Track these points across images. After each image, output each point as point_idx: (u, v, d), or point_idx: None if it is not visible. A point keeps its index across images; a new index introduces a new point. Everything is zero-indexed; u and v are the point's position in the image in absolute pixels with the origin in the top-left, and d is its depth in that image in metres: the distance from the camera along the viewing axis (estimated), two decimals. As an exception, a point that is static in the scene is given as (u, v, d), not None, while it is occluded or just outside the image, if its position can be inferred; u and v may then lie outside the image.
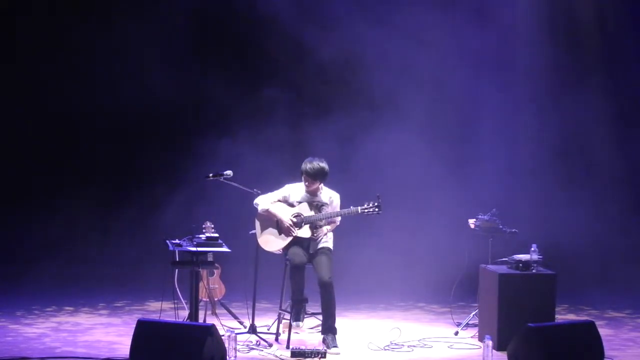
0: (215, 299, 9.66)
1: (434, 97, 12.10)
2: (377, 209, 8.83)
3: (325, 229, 8.98)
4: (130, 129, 12.20)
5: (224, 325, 9.40)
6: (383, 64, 11.91)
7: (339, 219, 9.02)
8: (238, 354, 8.31)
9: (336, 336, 8.76)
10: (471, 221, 9.75)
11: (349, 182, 10.56)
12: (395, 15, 11.83)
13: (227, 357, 7.86)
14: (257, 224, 9.05)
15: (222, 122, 12.12)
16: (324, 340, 8.79)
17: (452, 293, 9.89)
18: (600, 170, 12.47)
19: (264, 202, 9.00)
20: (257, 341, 8.84)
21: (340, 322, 9.06)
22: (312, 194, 9.00)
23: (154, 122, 12.22)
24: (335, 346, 8.68)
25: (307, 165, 8.89)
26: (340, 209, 8.99)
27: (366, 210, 8.84)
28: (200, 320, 8.88)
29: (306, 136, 11.61)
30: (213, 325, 7.62)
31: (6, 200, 12.00)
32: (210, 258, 9.00)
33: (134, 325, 7.66)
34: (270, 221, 9.01)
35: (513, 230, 9.64)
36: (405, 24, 11.77)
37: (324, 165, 8.89)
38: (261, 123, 12.00)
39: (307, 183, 8.93)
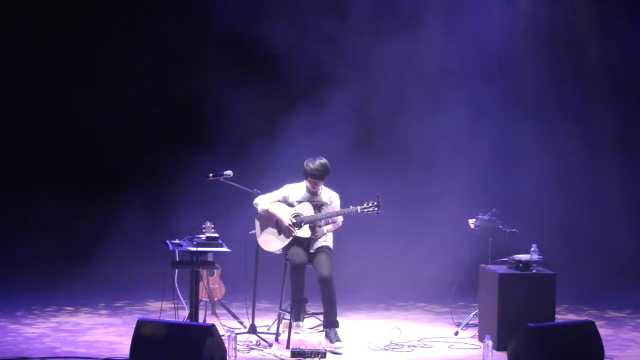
0: (215, 299, 9.65)
1: (435, 104, 12.14)
2: (376, 209, 8.82)
3: (325, 229, 8.98)
4: (130, 129, 12.19)
5: (224, 325, 9.40)
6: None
7: (341, 219, 9.00)
8: (238, 354, 8.31)
9: (338, 330, 8.76)
10: (471, 221, 9.74)
11: (349, 182, 10.55)
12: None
13: (227, 357, 7.85)
14: (257, 224, 9.04)
15: (222, 122, 12.12)
16: (326, 335, 8.77)
17: (452, 293, 9.89)
18: (600, 170, 12.48)
19: (264, 202, 8.99)
20: (257, 341, 8.84)
21: (341, 322, 9.04)
22: (312, 194, 8.98)
23: (154, 122, 12.22)
24: (339, 340, 8.67)
25: (311, 166, 8.84)
26: (340, 208, 8.99)
27: (365, 210, 8.83)
28: (200, 320, 8.88)
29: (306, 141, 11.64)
30: (213, 325, 7.62)
31: (5, 200, 12.01)
32: (210, 258, 8.98)
33: (134, 325, 7.66)
34: (270, 221, 9.00)
35: (513, 230, 9.63)
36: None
37: (324, 161, 8.86)
38: (261, 124, 12.01)
39: (311, 185, 8.92)
